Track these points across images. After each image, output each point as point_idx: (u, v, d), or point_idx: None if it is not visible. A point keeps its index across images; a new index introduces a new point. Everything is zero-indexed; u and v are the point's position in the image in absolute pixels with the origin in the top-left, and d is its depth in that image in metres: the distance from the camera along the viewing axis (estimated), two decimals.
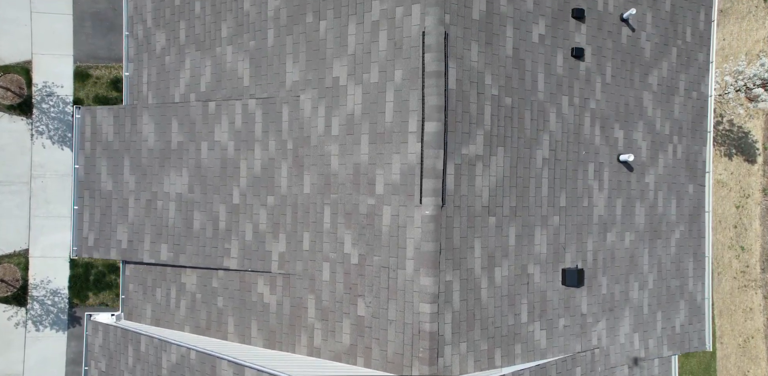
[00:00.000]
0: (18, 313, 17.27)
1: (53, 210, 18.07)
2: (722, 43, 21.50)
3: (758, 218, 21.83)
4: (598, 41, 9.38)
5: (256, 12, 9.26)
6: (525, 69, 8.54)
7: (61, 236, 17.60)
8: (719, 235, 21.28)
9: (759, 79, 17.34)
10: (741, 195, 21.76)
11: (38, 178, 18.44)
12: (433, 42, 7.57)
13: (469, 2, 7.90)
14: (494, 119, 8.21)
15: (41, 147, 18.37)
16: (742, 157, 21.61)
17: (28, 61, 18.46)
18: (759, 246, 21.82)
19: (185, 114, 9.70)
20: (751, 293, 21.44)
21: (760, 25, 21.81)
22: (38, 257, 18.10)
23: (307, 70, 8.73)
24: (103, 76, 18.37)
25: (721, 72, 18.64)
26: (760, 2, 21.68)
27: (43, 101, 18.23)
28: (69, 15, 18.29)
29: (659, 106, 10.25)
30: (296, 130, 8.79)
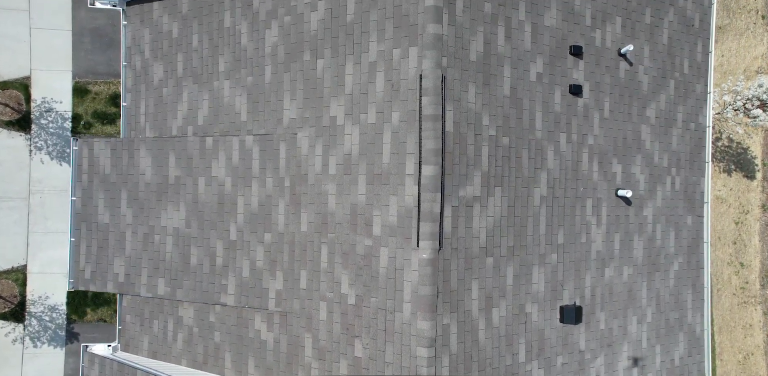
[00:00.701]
0: (15, 329, 17.24)
1: (51, 226, 18.05)
2: (721, 59, 21.53)
3: (757, 234, 21.82)
4: (596, 77, 9.37)
5: (254, 48, 9.25)
6: (523, 108, 8.53)
7: (59, 251, 17.58)
8: (718, 251, 21.25)
9: (757, 99, 17.35)
10: (740, 211, 21.75)
11: (36, 194, 18.43)
12: (431, 85, 7.56)
13: (466, 44, 7.90)
14: (492, 160, 8.19)
15: (39, 163, 18.38)
16: (741, 173, 21.61)
17: (27, 76, 18.48)
18: (758, 262, 21.79)
19: (182, 148, 9.68)
20: (750, 309, 21.40)
21: (759, 41, 21.83)
22: (36, 273, 18.08)
23: (304, 108, 8.72)
24: (101, 92, 18.38)
25: (719, 91, 18.65)
26: (759, 19, 21.72)
27: (41, 117, 18.24)
28: (68, 31, 18.31)
29: (657, 138, 10.24)
30: (293, 168, 8.78)
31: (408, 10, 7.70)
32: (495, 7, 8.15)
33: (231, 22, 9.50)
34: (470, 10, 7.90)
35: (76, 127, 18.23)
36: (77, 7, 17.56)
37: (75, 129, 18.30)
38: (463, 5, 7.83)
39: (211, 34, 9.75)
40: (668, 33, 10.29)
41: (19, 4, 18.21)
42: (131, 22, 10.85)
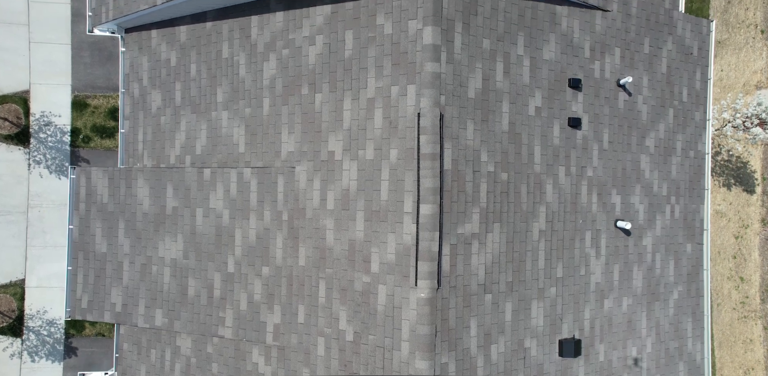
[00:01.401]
0: (13, 344, 17.20)
1: (50, 240, 18.03)
2: (720, 73, 21.54)
3: (757, 249, 21.78)
4: (595, 108, 9.36)
5: (252, 79, 9.23)
6: (521, 143, 8.50)
7: (57, 265, 17.53)
8: (718, 266, 21.23)
9: (756, 118, 17.34)
10: (740, 225, 21.72)
11: (35, 208, 18.40)
12: (429, 124, 7.54)
13: (464, 81, 7.88)
14: (490, 196, 8.16)
15: (38, 177, 18.36)
16: (741, 187, 21.59)
17: (26, 90, 18.47)
18: (758, 277, 21.75)
19: (180, 179, 9.65)
20: (751, 323, 21.35)
21: (758, 55, 21.85)
22: (34, 287, 18.03)
23: (302, 141, 8.69)
24: (100, 106, 18.37)
25: (719, 108, 18.64)
26: (758, 33, 21.74)
27: (40, 131, 18.22)
28: (67, 45, 18.31)
29: (656, 167, 10.21)
30: (291, 202, 8.75)
31: (406, 47, 7.69)
32: (494, 43, 8.14)
33: (229, 53, 9.48)
34: (468, 46, 7.88)
35: (75, 140, 18.22)
36: (76, 21, 17.56)
37: (74, 143, 18.30)
38: (461, 42, 7.81)
39: (209, 64, 9.73)
40: (667, 62, 10.27)
41: (18, 18, 18.21)
42: (130, 49, 10.83)
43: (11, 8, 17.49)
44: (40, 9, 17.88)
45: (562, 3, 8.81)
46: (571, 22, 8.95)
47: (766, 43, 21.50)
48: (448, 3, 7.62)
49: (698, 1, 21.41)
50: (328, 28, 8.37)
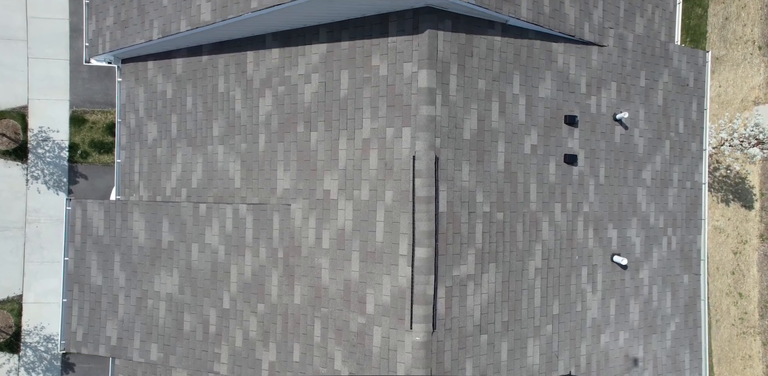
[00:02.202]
0: (10, 360, 17.15)
1: (48, 255, 18.01)
2: (718, 89, 21.58)
3: (756, 264, 21.76)
4: (592, 144, 9.35)
5: (248, 115, 9.22)
6: (517, 181, 8.49)
7: (55, 281, 17.51)
8: (717, 282, 21.21)
9: (754, 138, 17.35)
10: (738, 241, 21.70)
11: (33, 224, 18.38)
12: (424, 167, 7.53)
13: (460, 123, 7.87)
14: (486, 236, 8.15)
15: (36, 192, 18.35)
16: (739, 203, 21.58)
17: (24, 106, 18.47)
18: (757, 292, 21.72)
19: (176, 214, 9.63)
20: (750, 339, 21.32)
21: (756, 71, 21.89)
22: (32, 303, 18.00)
23: (298, 179, 8.68)
24: (99, 121, 18.37)
25: (716, 127, 18.65)
26: (755, 49, 21.78)
27: (38, 146, 18.23)
28: (66, 60, 18.32)
29: (653, 200, 10.20)
30: (287, 239, 8.73)
31: (401, 89, 7.68)
32: (489, 83, 8.14)
33: (225, 88, 9.47)
34: (464, 88, 7.88)
35: (73, 156, 18.22)
36: (75, 37, 17.58)
37: (72, 158, 18.29)
38: (457, 84, 7.81)
39: (205, 98, 9.73)
40: (663, 94, 10.27)
41: (17, 34, 18.23)
42: (126, 79, 10.83)
43: (10, 24, 17.52)
44: (39, 25, 17.90)
45: (557, 40, 8.81)
46: (567, 59, 8.95)
47: (764, 59, 21.54)
48: (444, 46, 7.62)
49: (696, 18, 21.47)
50: (324, 66, 8.37)
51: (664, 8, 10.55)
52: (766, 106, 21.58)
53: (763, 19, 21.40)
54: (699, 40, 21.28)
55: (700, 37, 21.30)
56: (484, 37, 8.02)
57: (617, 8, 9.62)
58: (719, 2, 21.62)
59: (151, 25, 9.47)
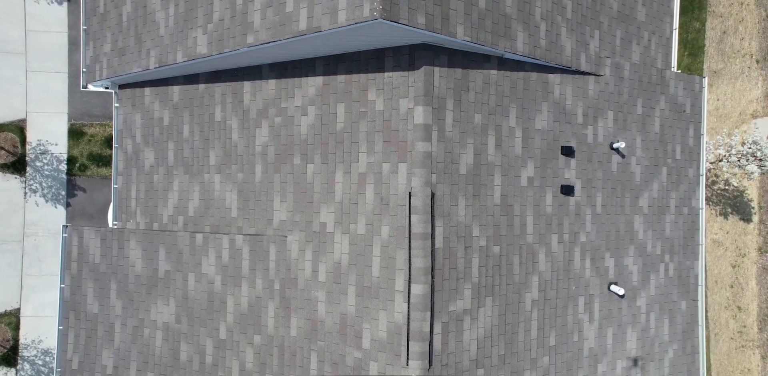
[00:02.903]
0: (8, 374, 17.15)
1: (45, 269, 18.01)
2: (716, 103, 21.61)
3: (755, 277, 21.75)
4: (588, 173, 9.35)
5: (244, 145, 9.22)
6: (514, 214, 8.49)
7: (53, 294, 17.51)
8: (715, 295, 21.19)
9: (751, 156, 17.36)
10: (737, 254, 21.69)
11: (31, 237, 18.39)
12: (420, 204, 7.52)
13: (456, 158, 7.87)
14: (482, 270, 8.14)
15: (34, 205, 18.37)
16: (738, 216, 21.58)
17: (23, 119, 18.50)
18: (756, 306, 21.70)
19: (172, 243, 9.62)
20: (748, 353, 21.29)
21: (754, 85, 21.93)
22: (30, 317, 18.00)
23: (294, 211, 8.67)
24: (97, 134, 18.39)
25: (714, 144, 18.67)
26: (753, 63, 21.83)
27: (37, 159, 18.25)
28: (64, 73, 18.35)
29: (650, 227, 10.19)
30: (283, 271, 8.71)
31: (397, 125, 7.68)
32: (485, 117, 8.14)
33: (222, 117, 9.47)
34: (460, 123, 7.88)
35: (71, 169, 18.24)
36: (73, 50, 17.61)
37: (70, 171, 18.31)
38: (453, 119, 7.81)
39: (202, 126, 9.73)
40: (660, 121, 10.28)
41: (15, 48, 18.27)
42: (123, 105, 10.83)
43: (8, 38, 17.57)
44: (38, 38, 17.94)
45: (554, 71, 8.82)
46: (564, 90, 8.96)
47: (762, 72, 21.59)
48: (440, 81, 7.63)
49: (694, 32, 21.52)
50: (320, 99, 8.37)
51: (660, 35, 10.56)
52: (765, 119, 21.62)
53: (760, 33, 21.46)
54: (697, 53, 21.33)
55: (698, 51, 21.34)
56: (480, 71, 8.02)
57: (613, 37, 9.63)
58: (717, 16, 21.67)
59: (148, 54, 9.47)
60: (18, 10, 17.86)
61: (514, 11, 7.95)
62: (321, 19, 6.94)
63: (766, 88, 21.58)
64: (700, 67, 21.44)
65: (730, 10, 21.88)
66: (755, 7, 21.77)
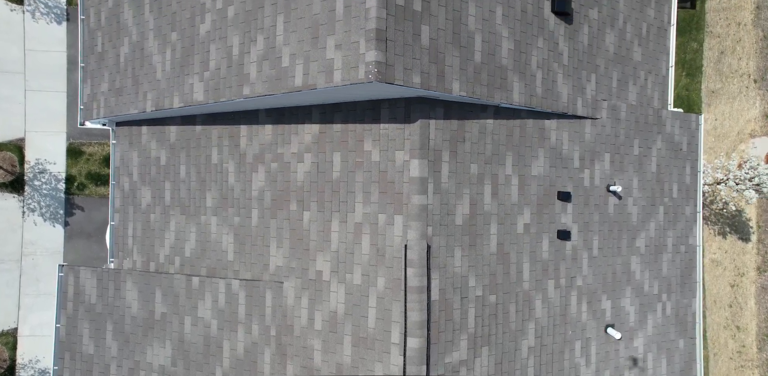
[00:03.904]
0: None
1: (43, 288, 17.99)
2: (714, 123, 21.65)
3: (753, 297, 21.73)
4: (585, 217, 9.35)
5: (241, 188, 9.22)
6: (510, 262, 8.48)
7: (50, 314, 17.46)
8: (714, 315, 21.16)
9: (748, 180, 17.37)
10: (735, 274, 21.67)
11: (29, 256, 18.37)
12: (416, 257, 7.51)
13: (452, 209, 7.86)
14: (478, 320, 8.12)
15: (32, 224, 18.35)
16: (736, 235, 21.57)
17: (21, 138, 18.51)
18: (755, 325, 21.67)
19: (169, 285, 9.61)
20: (748, 373, 21.25)
21: (751, 104, 21.98)
22: (27, 336, 17.95)
23: (290, 257, 8.66)
24: (95, 153, 18.40)
25: (712, 167, 18.68)
26: (751, 83, 21.88)
27: (35, 178, 18.25)
28: (63, 92, 18.37)
29: (647, 267, 10.18)
30: (279, 318, 8.70)
31: (393, 177, 7.68)
32: (481, 167, 8.14)
33: (218, 159, 9.47)
34: (456, 174, 7.88)
35: (69, 188, 18.24)
36: (72, 69, 17.63)
37: (69, 190, 18.30)
38: (449, 170, 7.81)
39: (198, 168, 9.72)
40: (657, 160, 10.28)
41: (14, 67, 18.30)
42: (120, 142, 10.83)
43: (8, 57, 17.60)
44: (37, 57, 17.97)
45: (550, 117, 8.83)
46: (560, 135, 8.96)
47: (759, 92, 21.63)
48: (436, 134, 7.63)
49: (692, 53, 21.57)
50: (317, 147, 8.38)
51: (657, 73, 10.58)
52: (762, 138, 21.65)
53: (758, 53, 21.51)
54: (695, 74, 21.37)
55: (696, 71, 21.39)
56: (476, 121, 8.03)
57: (610, 79, 9.64)
58: (715, 36, 21.73)
59: (145, 96, 9.48)
60: (17, 30, 17.90)
61: (510, 62, 7.96)
62: (317, 76, 6.95)
63: (763, 107, 21.63)
64: (698, 87, 21.49)
65: (727, 31, 21.95)
66: (753, 28, 21.83)
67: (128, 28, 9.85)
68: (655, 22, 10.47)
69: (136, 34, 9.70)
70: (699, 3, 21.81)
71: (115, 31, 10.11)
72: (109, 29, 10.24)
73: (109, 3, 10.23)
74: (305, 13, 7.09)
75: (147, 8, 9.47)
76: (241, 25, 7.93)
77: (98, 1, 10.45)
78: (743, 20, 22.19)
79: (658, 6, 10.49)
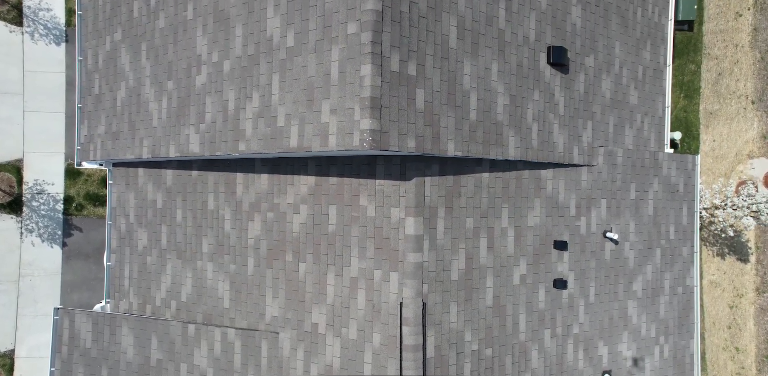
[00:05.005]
0: None
1: (41, 309, 17.95)
2: (712, 144, 21.67)
3: (752, 318, 21.69)
4: (582, 264, 9.33)
5: (237, 236, 9.20)
6: (506, 314, 8.46)
7: (48, 335, 17.42)
8: (713, 337, 21.12)
9: (746, 208, 17.36)
10: (734, 295, 21.64)
11: (27, 277, 18.33)
12: (411, 315, 7.50)
13: (447, 265, 7.85)
14: (474, 374, 8.09)
15: (30, 245, 18.32)
16: (735, 256, 21.55)
17: (20, 159, 18.51)
18: (754, 346, 21.63)
19: (165, 332, 9.58)
20: None
21: (749, 125, 22.01)
22: (24, 358, 17.89)
23: (286, 308, 8.64)
24: (93, 174, 18.38)
25: (710, 193, 18.67)
26: (749, 104, 21.92)
27: (33, 199, 18.23)
28: (61, 113, 18.38)
29: (644, 311, 10.16)
30: (275, 369, 8.67)
31: (389, 233, 7.67)
32: (477, 220, 8.13)
33: (215, 205, 9.46)
34: (452, 229, 7.87)
35: (68, 208, 18.21)
36: (70, 90, 17.63)
37: (67, 211, 18.28)
38: (445, 226, 7.80)
39: (194, 213, 9.71)
40: (653, 203, 10.28)
41: (13, 88, 18.32)
42: (117, 183, 10.82)
43: (7, 78, 17.63)
44: (36, 78, 17.99)
45: (546, 166, 8.83)
46: (557, 184, 8.96)
47: (757, 113, 21.66)
48: (431, 191, 7.63)
49: (689, 74, 21.61)
50: (312, 199, 8.37)
51: (653, 115, 10.59)
52: (761, 159, 21.67)
53: (755, 74, 21.57)
54: (693, 95, 21.41)
55: (694, 93, 21.42)
56: (472, 176, 8.03)
57: (606, 125, 9.65)
58: (712, 58, 21.79)
59: (141, 143, 9.49)
60: (16, 51, 17.92)
61: (505, 117, 7.97)
62: (312, 139, 6.95)
63: (761, 128, 21.66)
64: (696, 108, 21.52)
65: (725, 52, 22.01)
66: (750, 49, 21.90)
67: (125, 72, 9.87)
68: (651, 64, 10.49)
69: (133, 80, 9.71)
70: (697, 25, 21.88)
71: (113, 75, 10.12)
72: (106, 72, 10.25)
73: (106, 46, 10.25)
74: (300, 75, 7.10)
75: (144, 55, 9.48)
76: (237, 80, 7.94)
77: (96, 44, 10.47)
78: (741, 42, 22.25)
79: (653, 48, 10.51)
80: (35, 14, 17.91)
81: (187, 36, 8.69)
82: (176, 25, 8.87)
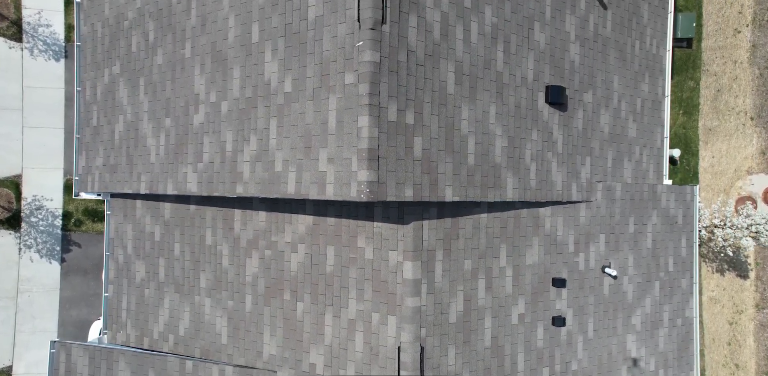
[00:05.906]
0: None
1: (39, 325, 17.92)
2: (711, 160, 21.67)
3: (752, 334, 21.65)
4: (580, 300, 9.31)
5: (235, 273, 9.18)
6: (504, 354, 8.43)
7: (46, 352, 17.38)
8: (713, 353, 21.07)
9: (746, 229, 17.35)
10: (734, 311, 21.60)
11: (25, 293, 18.29)
12: (409, 360, 7.47)
13: (445, 308, 7.83)
14: None
15: (29, 261, 18.30)
16: (734, 272, 21.52)
17: (18, 175, 18.50)
18: (754, 363, 21.58)
19: (162, 367, 9.55)
20: None
21: (748, 142, 22.02)
22: (22, 374, 17.85)
23: (284, 347, 8.61)
24: None
25: (710, 213, 18.65)
26: (748, 120, 21.93)
27: (32, 215, 18.21)
28: (60, 129, 18.38)
29: (643, 344, 10.14)
30: None
31: (387, 276, 7.65)
32: (475, 261, 8.11)
33: (213, 241, 9.44)
34: (450, 272, 7.85)
35: (66, 224, 18.18)
36: (69, 106, 17.63)
37: (65, 226, 18.26)
38: (443, 269, 7.78)
39: (192, 247, 9.69)
40: (652, 236, 10.26)
41: (12, 104, 18.33)
42: (115, 214, 10.80)
43: (6, 93, 17.65)
44: (34, 94, 17.99)
45: (545, 205, 8.81)
46: (555, 221, 8.94)
47: (756, 129, 21.67)
48: (429, 234, 7.61)
49: (688, 91, 21.63)
50: (310, 238, 8.35)
51: (652, 146, 10.58)
52: (759, 175, 21.67)
53: (754, 91, 21.59)
54: (692, 112, 21.42)
55: (693, 110, 21.43)
56: (470, 217, 8.01)
57: (605, 159, 9.64)
58: (711, 75, 21.81)
59: (139, 178, 9.47)
60: (16, 67, 17.95)
61: (503, 159, 7.96)
62: (309, 187, 6.93)
63: (760, 144, 21.67)
64: (695, 125, 21.53)
65: (723, 69, 22.04)
66: (749, 66, 21.93)
67: (123, 106, 9.86)
68: (649, 96, 10.49)
69: (131, 114, 9.71)
70: (695, 42, 21.92)
71: (111, 108, 10.11)
72: (104, 105, 10.25)
73: (105, 78, 10.25)
74: (298, 121, 7.09)
75: (142, 90, 9.48)
76: (235, 122, 7.93)
77: (95, 75, 10.46)
78: (739, 58, 22.29)
79: (651, 80, 10.52)
80: (35, 30, 17.94)
81: (185, 74, 8.68)
82: (174, 63, 8.87)
